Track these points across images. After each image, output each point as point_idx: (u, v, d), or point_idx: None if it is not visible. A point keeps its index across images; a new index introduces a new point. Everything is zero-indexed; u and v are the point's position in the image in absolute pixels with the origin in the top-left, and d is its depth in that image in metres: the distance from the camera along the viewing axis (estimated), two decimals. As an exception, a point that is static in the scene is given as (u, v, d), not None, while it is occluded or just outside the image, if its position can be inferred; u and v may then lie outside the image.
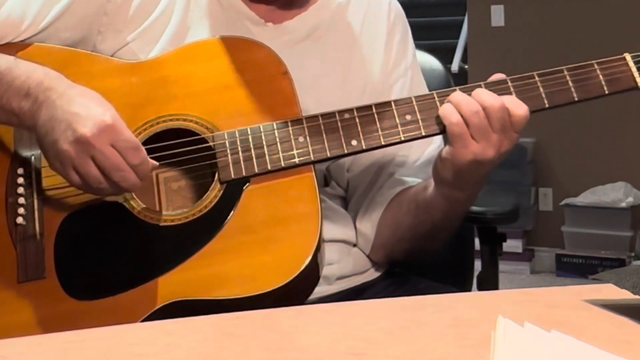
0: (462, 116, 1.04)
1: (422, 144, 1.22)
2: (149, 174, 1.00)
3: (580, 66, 1.09)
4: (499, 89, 1.08)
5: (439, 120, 1.07)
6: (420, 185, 1.19)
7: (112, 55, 1.13)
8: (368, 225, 1.22)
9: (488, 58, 4.15)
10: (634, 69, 1.09)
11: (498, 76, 1.09)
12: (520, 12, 4.10)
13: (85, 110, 0.97)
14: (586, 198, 3.96)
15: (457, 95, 1.06)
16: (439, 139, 1.23)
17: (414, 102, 1.08)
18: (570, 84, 1.08)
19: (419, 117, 1.08)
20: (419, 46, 1.32)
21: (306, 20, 1.19)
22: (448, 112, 1.05)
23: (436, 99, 1.08)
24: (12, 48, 1.10)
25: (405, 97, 1.15)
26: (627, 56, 1.10)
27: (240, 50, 1.10)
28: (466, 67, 4.52)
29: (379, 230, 1.22)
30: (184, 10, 1.15)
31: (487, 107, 1.04)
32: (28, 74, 1.02)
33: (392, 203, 1.21)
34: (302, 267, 1.00)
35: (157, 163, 1.01)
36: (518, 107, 1.05)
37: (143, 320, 0.99)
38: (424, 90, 1.27)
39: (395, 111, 1.08)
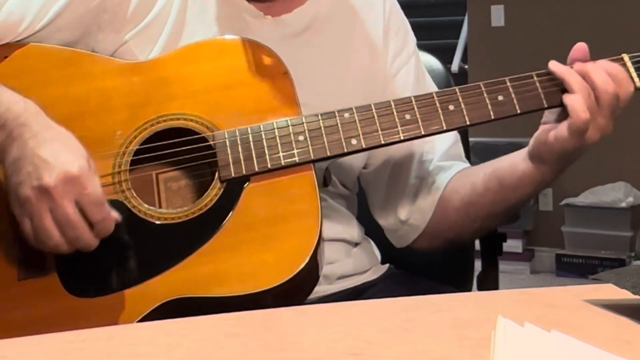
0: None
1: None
2: (110, 232, 0.98)
3: None
4: (497, 89, 1.08)
5: (438, 120, 1.08)
6: (501, 164, 1.18)
7: (111, 55, 1.13)
8: (418, 217, 1.23)
9: (488, 58, 4.14)
10: (632, 69, 1.09)
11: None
12: (520, 12, 4.10)
13: (53, 158, 0.95)
14: (586, 198, 3.96)
15: (569, 75, 1.07)
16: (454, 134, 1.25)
17: (414, 102, 1.09)
18: None
19: (418, 116, 1.08)
20: (419, 46, 1.32)
21: (304, 14, 1.19)
22: (579, 107, 1.06)
23: (435, 98, 1.09)
24: (10, 48, 1.10)
25: (412, 83, 1.19)
26: (625, 57, 1.10)
27: (240, 50, 1.11)
28: (466, 67, 4.52)
29: (443, 215, 1.22)
30: (181, 6, 1.15)
31: (598, 88, 1.06)
32: (8, 106, 1.00)
33: (457, 186, 1.21)
34: (302, 265, 1.01)
35: (119, 219, 0.99)
36: (627, 86, 1.08)
37: (143, 318, 0.99)
38: (427, 77, 1.29)
39: (394, 111, 1.08)
